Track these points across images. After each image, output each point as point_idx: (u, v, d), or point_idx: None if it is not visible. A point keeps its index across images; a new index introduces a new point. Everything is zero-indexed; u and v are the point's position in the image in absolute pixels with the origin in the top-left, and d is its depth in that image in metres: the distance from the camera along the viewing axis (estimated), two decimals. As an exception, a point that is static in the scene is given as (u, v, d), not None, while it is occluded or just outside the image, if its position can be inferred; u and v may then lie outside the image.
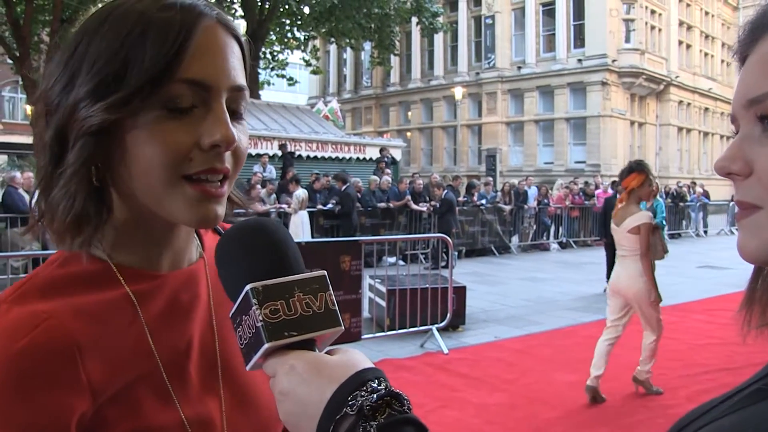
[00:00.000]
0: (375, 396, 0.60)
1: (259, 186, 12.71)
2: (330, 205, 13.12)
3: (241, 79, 0.78)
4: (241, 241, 0.71)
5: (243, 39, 0.81)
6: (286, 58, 26.78)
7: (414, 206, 14.18)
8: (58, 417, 0.68)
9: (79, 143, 0.73)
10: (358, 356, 0.67)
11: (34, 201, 0.79)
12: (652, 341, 5.26)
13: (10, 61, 18.54)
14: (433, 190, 14.26)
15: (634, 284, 5.14)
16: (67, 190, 0.74)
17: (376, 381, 0.62)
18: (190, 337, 0.85)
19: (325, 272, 0.69)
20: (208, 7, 0.77)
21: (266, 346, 0.64)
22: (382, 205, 13.96)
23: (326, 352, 0.68)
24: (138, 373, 0.77)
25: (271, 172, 15.32)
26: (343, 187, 13.03)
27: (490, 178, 18.88)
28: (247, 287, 0.66)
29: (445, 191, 13.58)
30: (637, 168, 5.23)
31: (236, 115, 0.79)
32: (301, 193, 11.97)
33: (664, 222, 10.53)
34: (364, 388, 0.61)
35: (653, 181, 5.36)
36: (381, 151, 18.41)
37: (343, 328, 0.69)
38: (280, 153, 16.27)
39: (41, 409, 0.67)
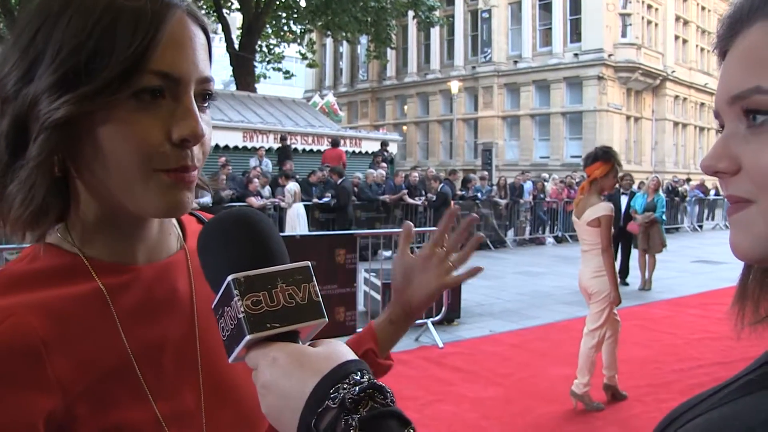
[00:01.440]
0: (357, 388, 0.59)
1: (256, 180, 12.70)
2: (326, 199, 13.11)
3: (207, 70, 0.78)
4: (223, 231, 0.69)
5: (209, 28, 0.81)
6: (283, 52, 26.74)
7: (409, 200, 14.17)
8: (24, 416, 0.67)
9: (43, 135, 0.71)
10: (341, 348, 0.66)
11: None
12: (591, 347, 4.91)
13: (4, 53, 18.44)
14: (429, 183, 14.24)
15: (593, 280, 4.87)
16: (28, 183, 0.72)
17: (359, 373, 0.61)
18: (167, 330, 0.83)
19: (309, 263, 0.68)
20: None
21: (248, 338, 0.63)
22: (385, 197, 13.93)
23: (310, 344, 0.67)
24: (109, 368, 0.75)
25: (268, 165, 15.30)
26: (339, 181, 13.01)
27: (486, 172, 18.89)
28: (229, 278, 0.64)
29: (442, 185, 13.59)
30: (603, 156, 4.85)
31: (202, 107, 0.78)
32: (292, 186, 11.97)
33: (663, 217, 10.55)
34: (347, 381, 0.60)
35: (619, 172, 5.00)
36: (382, 145, 18.42)
37: (326, 319, 0.67)
38: (276, 146, 16.25)
39: (6, 410, 0.66)
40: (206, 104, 0.80)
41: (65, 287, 0.75)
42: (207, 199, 11.29)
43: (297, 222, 11.58)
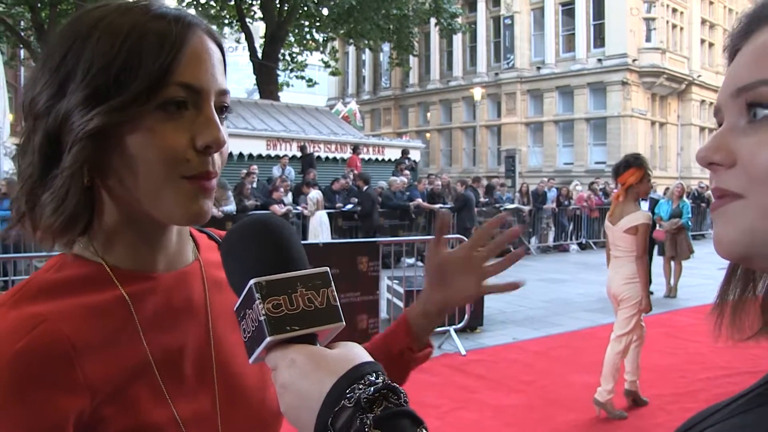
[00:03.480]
0: (372, 389, 0.61)
1: (281, 189, 12.75)
2: (350, 206, 13.11)
3: (224, 83, 0.84)
4: (246, 237, 0.73)
5: (224, 46, 0.88)
6: (305, 60, 26.83)
7: (425, 205, 14.08)
8: (56, 418, 0.71)
9: (77, 146, 0.76)
10: (357, 350, 0.69)
11: (15, 201, 0.82)
12: (617, 353, 4.91)
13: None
14: (454, 188, 14.16)
15: (625, 287, 4.89)
16: (62, 192, 0.77)
17: (374, 374, 0.64)
18: (185, 336, 0.87)
19: (328, 268, 0.71)
20: (196, 18, 0.83)
21: (268, 339, 0.66)
22: (414, 202, 13.91)
23: (327, 346, 0.70)
24: (133, 372, 0.79)
25: (291, 173, 15.38)
26: (365, 188, 12.97)
27: (508, 180, 18.82)
28: (251, 282, 0.67)
29: (465, 189, 13.54)
30: (635, 163, 4.94)
31: (220, 118, 0.83)
32: (315, 194, 12.00)
33: (689, 223, 10.43)
34: (362, 382, 0.63)
35: (651, 177, 5.09)
36: (403, 152, 18.40)
37: (344, 323, 0.70)
38: (299, 154, 16.32)
39: (39, 411, 0.70)
40: (224, 116, 0.85)
41: (90, 295, 0.79)
42: (231, 207, 11.40)
43: (320, 230, 11.61)
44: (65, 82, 0.77)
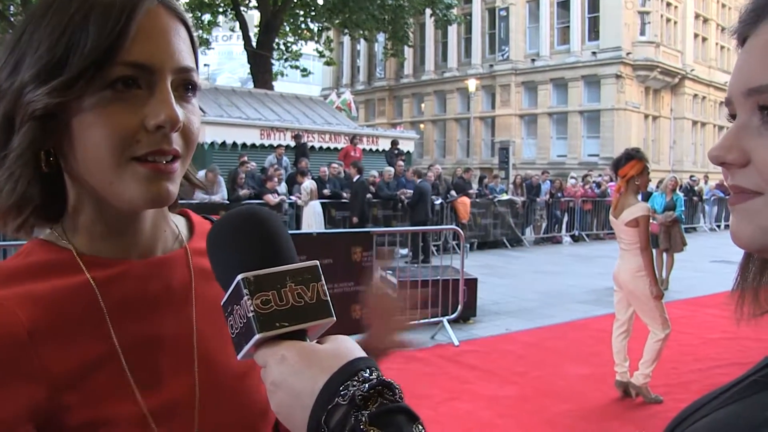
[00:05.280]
0: (366, 385, 0.60)
1: (275, 179, 12.69)
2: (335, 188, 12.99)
3: (186, 60, 0.78)
4: (232, 229, 0.70)
5: (189, 22, 0.82)
6: (300, 49, 26.71)
7: (406, 192, 13.83)
8: (10, 404, 0.68)
9: (24, 127, 0.74)
10: (349, 345, 0.67)
11: None
12: (658, 340, 5.03)
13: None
14: (412, 179, 13.80)
15: (633, 280, 4.96)
16: (11, 174, 0.75)
17: (368, 370, 0.62)
18: (160, 326, 0.83)
19: (318, 262, 0.68)
20: None
21: (257, 336, 0.64)
22: (401, 192, 13.74)
23: (317, 340, 0.68)
24: (96, 360, 0.76)
25: (287, 164, 15.32)
26: (356, 178, 12.88)
27: (501, 171, 18.81)
28: (239, 277, 0.65)
29: (420, 180, 13.20)
30: (637, 155, 4.98)
31: (185, 97, 0.79)
32: (308, 184, 11.94)
33: (683, 216, 10.47)
34: (356, 378, 0.61)
35: (650, 170, 5.12)
36: (393, 143, 18.35)
37: (334, 318, 0.68)
38: (293, 144, 16.24)
39: None
40: (189, 93, 0.80)
41: (55, 280, 0.77)
42: (221, 196, 11.38)
43: (313, 220, 11.59)
44: (19, 62, 0.75)
